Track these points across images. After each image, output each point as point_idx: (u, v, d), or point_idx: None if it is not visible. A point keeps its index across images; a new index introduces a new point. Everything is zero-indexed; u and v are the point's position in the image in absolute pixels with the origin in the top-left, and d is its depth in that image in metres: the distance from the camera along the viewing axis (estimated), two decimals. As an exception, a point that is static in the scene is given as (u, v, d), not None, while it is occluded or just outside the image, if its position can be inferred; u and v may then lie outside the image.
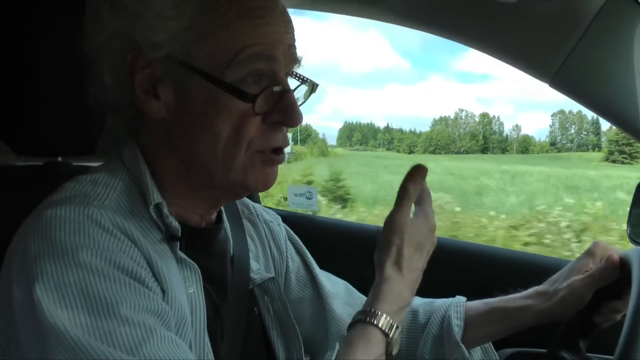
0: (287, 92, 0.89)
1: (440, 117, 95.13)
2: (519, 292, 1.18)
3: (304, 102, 0.97)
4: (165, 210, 0.89)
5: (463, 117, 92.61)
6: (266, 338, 1.08)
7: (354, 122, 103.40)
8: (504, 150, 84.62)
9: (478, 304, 1.21)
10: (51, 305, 0.72)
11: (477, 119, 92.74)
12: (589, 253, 1.13)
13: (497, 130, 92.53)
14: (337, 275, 1.29)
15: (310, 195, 2.04)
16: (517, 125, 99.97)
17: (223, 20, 0.85)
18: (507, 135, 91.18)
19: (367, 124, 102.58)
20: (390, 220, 0.97)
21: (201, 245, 0.96)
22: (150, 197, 0.88)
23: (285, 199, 2.18)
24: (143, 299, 0.77)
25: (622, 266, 1.04)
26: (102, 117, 1.20)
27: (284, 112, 0.88)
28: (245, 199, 1.21)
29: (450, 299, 1.25)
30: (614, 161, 48.47)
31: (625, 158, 48.02)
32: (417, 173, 0.98)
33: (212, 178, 0.90)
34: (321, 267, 1.27)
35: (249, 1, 0.87)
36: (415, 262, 0.97)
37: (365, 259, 1.84)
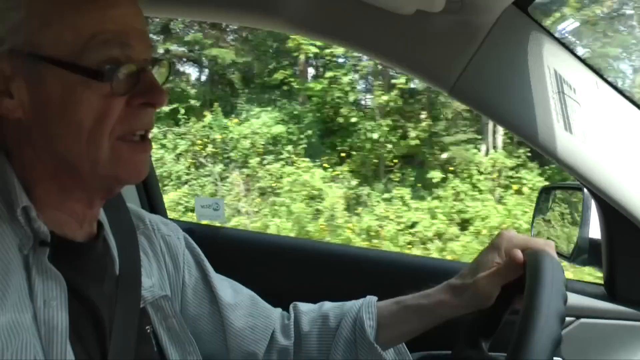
0: (144, 72, 0.86)
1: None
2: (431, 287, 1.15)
3: (164, 83, 0.94)
4: (33, 214, 0.83)
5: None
6: (163, 356, 1.02)
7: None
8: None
9: (390, 303, 1.19)
10: None
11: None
12: (494, 246, 1.10)
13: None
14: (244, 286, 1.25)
15: (217, 207, 2.02)
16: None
17: (68, 4, 0.80)
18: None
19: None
20: None
21: (72, 260, 0.89)
22: (18, 200, 0.82)
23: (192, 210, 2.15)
24: None
25: (526, 263, 1.02)
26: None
27: (146, 91, 0.86)
28: (142, 213, 1.15)
29: (361, 300, 1.22)
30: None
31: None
32: None
33: (81, 175, 0.85)
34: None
35: None
36: None
37: (272, 270, 1.84)
